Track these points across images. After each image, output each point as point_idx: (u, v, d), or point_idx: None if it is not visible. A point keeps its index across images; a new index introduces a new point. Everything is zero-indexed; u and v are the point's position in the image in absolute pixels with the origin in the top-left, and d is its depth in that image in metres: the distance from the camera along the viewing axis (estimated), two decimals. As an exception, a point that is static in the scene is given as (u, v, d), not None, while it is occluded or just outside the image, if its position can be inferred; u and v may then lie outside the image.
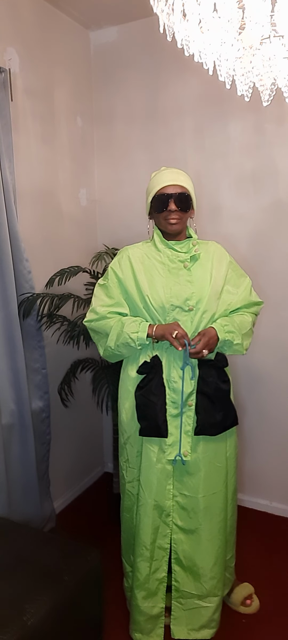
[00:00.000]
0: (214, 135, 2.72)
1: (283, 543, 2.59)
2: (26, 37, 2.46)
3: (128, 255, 1.92)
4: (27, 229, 2.50)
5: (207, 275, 1.89)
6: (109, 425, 3.10)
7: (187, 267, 1.87)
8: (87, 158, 3.03)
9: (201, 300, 1.85)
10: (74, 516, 2.88)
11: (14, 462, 2.40)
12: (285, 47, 1.21)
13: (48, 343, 2.61)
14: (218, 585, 1.96)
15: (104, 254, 2.52)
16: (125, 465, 1.99)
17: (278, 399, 2.77)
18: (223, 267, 1.95)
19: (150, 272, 1.87)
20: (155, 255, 1.90)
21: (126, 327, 1.83)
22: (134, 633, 1.97)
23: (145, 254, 1.92)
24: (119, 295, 1.92)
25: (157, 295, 1.84)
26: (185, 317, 1.84)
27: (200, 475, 1.88)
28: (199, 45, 1.21)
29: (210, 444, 1.88)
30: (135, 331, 1.82)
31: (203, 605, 1.96)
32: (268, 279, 2.69)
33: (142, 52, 2.85)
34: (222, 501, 1.94)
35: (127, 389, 1.96)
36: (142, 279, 1.86)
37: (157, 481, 1.87)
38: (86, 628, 1.76)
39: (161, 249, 1.90)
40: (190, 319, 1.84)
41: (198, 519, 1.90)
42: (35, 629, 1.48)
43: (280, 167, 2.59)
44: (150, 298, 1.84)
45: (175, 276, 1.86)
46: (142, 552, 1.91)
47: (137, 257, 1.91)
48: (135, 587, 1.93)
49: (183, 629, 1.98)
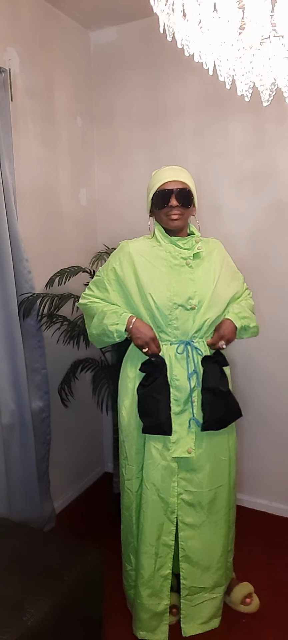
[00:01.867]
0: (214, 135, 2.72)
1: (283, 543, 2.59)
2: (26, 37, 2.46)
3: (129, 250, 1.89)
4: (27, 229, 2.50)
5: (210, 274, 1.89)
6: (109, 425, 3.10)
7: (189, 264, 1.85)
8: (87, 158, 3.03)
9: (203, 299, 1.84)
10: (74, 516, 2.88)
11: (14, 462, 2.40)
12: (285, 47, 1.21)
13: (48, 343, 2.61)
14: (223, 575, 2.02)
15: (104, 254, 2.52)
16: (124, 462, 1.99)
17: (278, 399, 2.77)
18: (223, 263, 1.97)
19: (152, 267, 1.85)
20: (156, 251, 1.88)
21: (106, 318, 1.84)
22: (138, 631, 1.97)
23: (146, 248, 1.89)
24: (113, 294, 1.90)
25: (159, 292, 1.82)
26: (187, 315, 1.83)
27: (205, 470, 1.89)
28: (199, 45, 1.21)
29: (214, 438, 1.89)
30: (115, 323, 1.82)
31: (212, 597, 1.99)
32: (268, 279, 2.69)
33: (142, 52, 2.85)
34: (226, 493, 1.96)
35: (126, 387, 1.96)
36: (144, 275, 1.84)
37: (161, 478, 1.88)
38: (86, 628, 1.76)
39: (163, 244, 1.88)
40: (192, 318, 1.84)
41: (205, 513, 1.92)
42: (35, 629, 1.48)
43: (280, 167, 2.59)
44: (152, 296, 1.82)
45: (177, 273, 1.84)
46: (147, 549, 1.91)
47: (138, 251, 1.88)
48: (140, 585, 1.93)
49: (193, 625, 2.00)
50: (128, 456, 1.97)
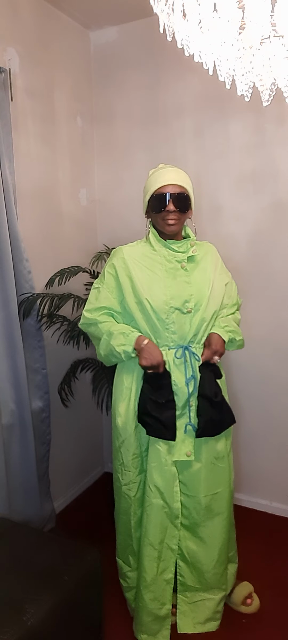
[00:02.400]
0: (214, 135, 2.72)
1: (283, 543, 2.59)
2: (26, 37, 2.46)
3: (123, 256, 1.87)
4: (27, 229, 2.49)
5: (205, 277, 1.88)
6: (109, 425, 3.09)
7: (184, 267, 1.84)
8: (87, 158, 3.03)
9: (200, 302, 1.84)
10: (73, 516, 2.88)
11: (14, 462, 2.40)
12: (285, 47, 1.21)
13: (48, 343, 2.61)
14: (221, 579, 1.99)
15: (104, 254, 2.52)
16: (121, 468, 1.97)
17: (278, 399, 2.77)
18: (218, 266, 1.97)
19: (147, 272, 1.84)
20: (151, 255, 1.86)
21: (113, 339, 1.82)
22: (139, 634, 1.96)
23: (141, 254, 1.88)
24: (112, 301, 1.88)
25: (156, 296, 1.80)
26: (183, 319, 1.82)
27: (201, 475, 1.88)
28: (199, 45, 1.21)
29: (210, 443, 1.88)
30: (122, 344, 1.80)
31: (208, 597, 1.98)
32: (268, 279, 2.69)
33: (142, 52, 2.85)
34: (225, 500, 1.95)
35: (121, 392, 1.94)
36: (139, 280, 1.82)
37: (166, 482, 1.87)
38: (86, 628, 1.76)
39: (157, 248, 1.87)
40: (188, 321, 1.83)
41: (200, 518, 1.91)
42: (35, 629, 1.48)
43: (280, 167, 2.59)
44: (149, 300, 1.80)
45: (172, 277, 1.83)
46: (150, 552, 1.89)
47: (132, 257, 1.86)
48: (143, 588, 1.92)
49: (189, 623, 1.99)
50: (124, 462, 1.95)
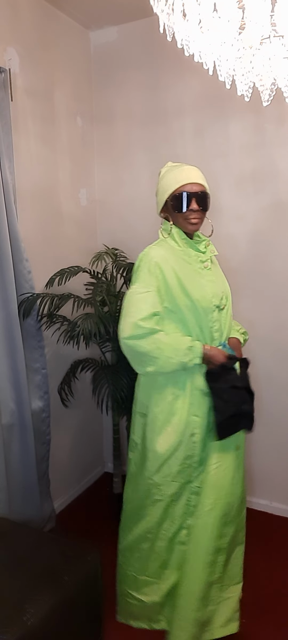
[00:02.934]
0: (214, 135, 2.72)
1: (283, 543, 2.59)
2: (26, 37, 2.46)
3: (156, 261, 1.73)
4: (27, 229, 2.49)
5: (222, 274, 1.92)
6: (109, 425, 3.10)
7: (207, 267, 1.83)
8: (87, 158, 3.03)
9: (228, 297, 1.88)
10: (74, 516, 2.88)
11: (14, 462, 2.40)
12: (285, 47, 1.22)
13: (48, 343, 2.61)
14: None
15: (104, 254, 2.52)
16: (165, 480, 1.83)
17: (278, 399, 2.77)
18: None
19: (186, 272, 1.76)
20: (181, 255, 1.79)
21: (180, 356, 1.70)
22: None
23: (171, 255, 1.77)
24: (159, 305, 1.73)
25: (201, 296, 1.75)
26: (220, 316, 1.83)
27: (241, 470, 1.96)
28: (199, 45, 1.21)
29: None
30: (191, 359, 1.71)
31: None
32: (268, 279, 2.69)
33: (142, 52, 2.85)
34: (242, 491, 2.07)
35: (165, 416, 1.79)
36: (186, 280, 1.74)
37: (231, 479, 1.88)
38: (86, 628, 1.76)
39: (183, 249, 1.80)
40: (223, 318, 1.84)
41: (236, 512, 2.00)
42: (35, 629, 1.48)
43: (280, 167, 2.59)
44: (200, 300, 1.74)
45: (201, 276, 1.80)
46: (205, 558, 1.81)
47: (166, 258, 1.75)
48: (194, 600, 1.80)
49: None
50: (171, 473, 1.81)
